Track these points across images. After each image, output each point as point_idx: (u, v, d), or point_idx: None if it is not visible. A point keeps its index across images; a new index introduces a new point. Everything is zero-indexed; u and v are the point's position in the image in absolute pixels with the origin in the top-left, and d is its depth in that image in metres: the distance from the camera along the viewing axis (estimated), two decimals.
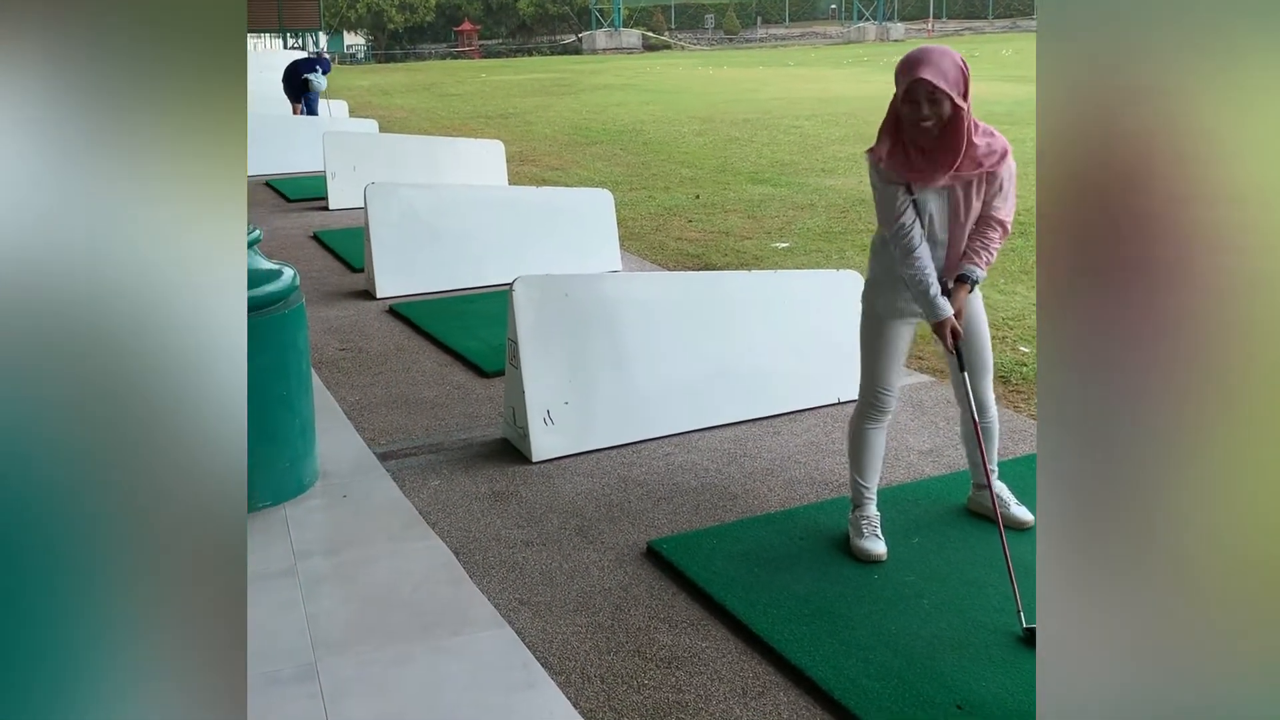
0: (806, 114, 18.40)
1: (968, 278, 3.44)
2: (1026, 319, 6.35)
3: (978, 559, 3.58)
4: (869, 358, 3.60)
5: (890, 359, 3.57)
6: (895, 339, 3.56)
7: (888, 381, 3.59)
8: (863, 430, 3.65)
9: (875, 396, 3.61)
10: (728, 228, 9.44)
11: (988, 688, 2.91)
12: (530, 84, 28.34)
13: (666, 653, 3.14)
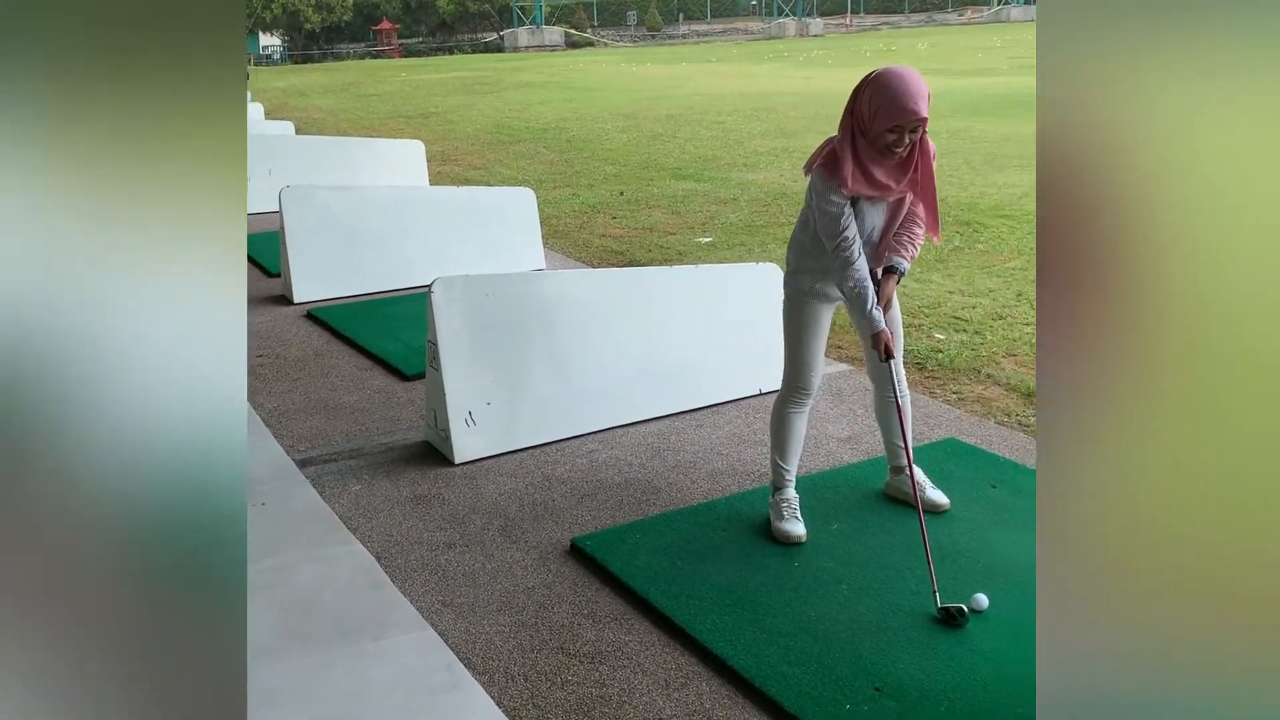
0: (729, 109, 18.52)
1: (895, 269, 3.52)
2: (942, 306, 6.48)
3: (895, 543, 3.65)
4: (793, 341, 3.66)
5: (814, 342, 3.64)
6: (818, 322, 3.63)
7: (812, 363, 3.66)
8: (786, 414, 3.72)
9: (799, 379, 3.67)
10: (652, 224, 9.47)
11: (905, 669, 2.97)
12: (451, 83, 28.11)
13: (590, 648, 3.15)
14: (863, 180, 3.31)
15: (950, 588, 3.33)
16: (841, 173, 3.28)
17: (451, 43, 52.40)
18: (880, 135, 3.22)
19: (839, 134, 3.33)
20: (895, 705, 2.82)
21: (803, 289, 3.59)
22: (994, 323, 6.15)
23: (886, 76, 3.22)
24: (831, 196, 3.32)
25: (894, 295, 3.58)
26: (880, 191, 3.34)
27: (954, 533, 3.71)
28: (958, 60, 27.91)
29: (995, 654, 3.02)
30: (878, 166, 3.30)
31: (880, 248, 3.51)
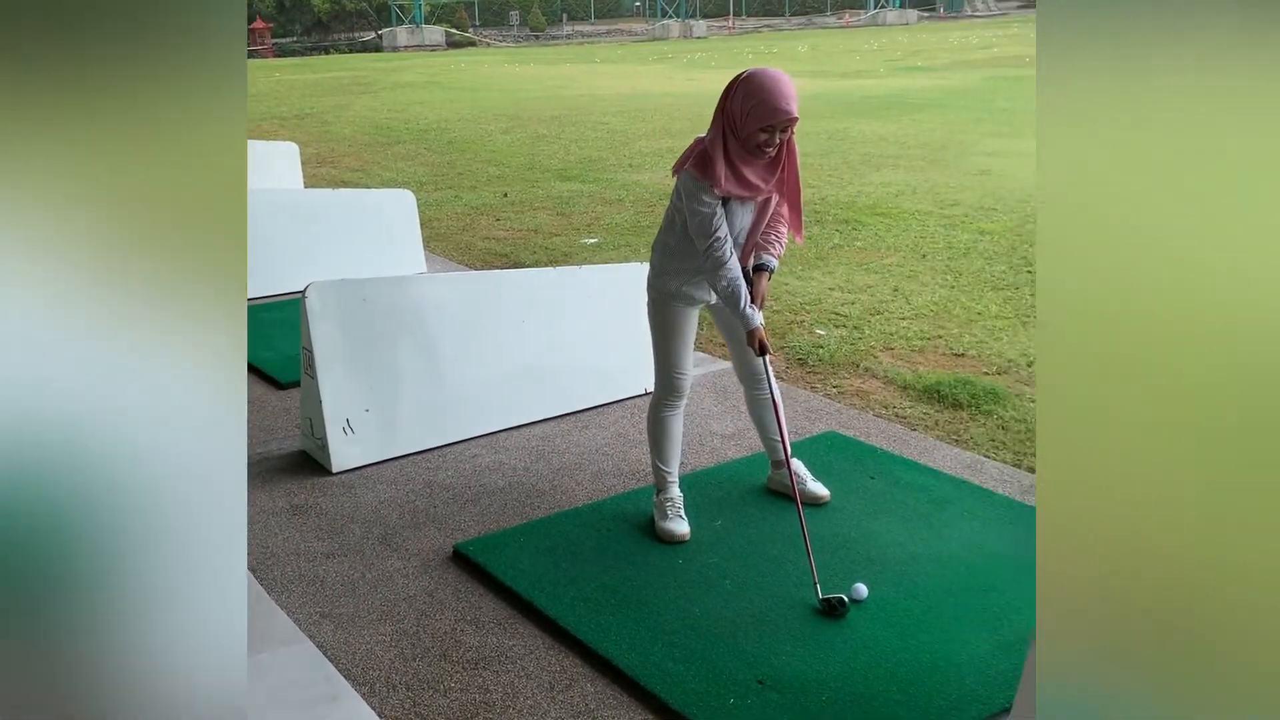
0: (614, 110, 18.56)
1: (766, 267, 3.56)
2: (822, 303, 6.60)
3: (778, 536, 3.70)
4: (662, 344, 3.68)
5: (683, 343, 3.67)
6: (685, 324, 3.65)
7: (682, 365, 3.68)
8: (661, 416, 3.74)
9: (672, 381, 3.69)
10: (536, 225, 9.43)
11: (787, 661, 3.01)
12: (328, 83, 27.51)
13: (473, 654, 3.11)
14: (734, 180, 3.34)
15: (832, 578, 3.38)
16: (714, 172, 3.30)
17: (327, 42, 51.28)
18: (752, 135, 3.26)
19: (710, 134, 3.36)
20: (778, 697, 2.85)
21: (668, 291, 3.60)
22: (872, 318, 6.29)
23: (758, 78, 3.27)
24: (703, 197, 3.34)
25: (766, 293, 3.62)
26: (750, 191, 3.38)
27: (835, 524, 3.78)
28: (836, 62, 28.52)
29: (875, 642, 3.08)
30: (748, 166, 3.34)
31: (747, 247, 3.55)
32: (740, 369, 3.85)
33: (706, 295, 3.61)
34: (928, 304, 6.53)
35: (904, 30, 47.18)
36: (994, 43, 34.35)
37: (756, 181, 3.37)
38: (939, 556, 3.54)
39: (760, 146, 3.28)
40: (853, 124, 15.47)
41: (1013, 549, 3.58)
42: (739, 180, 3.34)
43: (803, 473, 3.98)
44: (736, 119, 3.27)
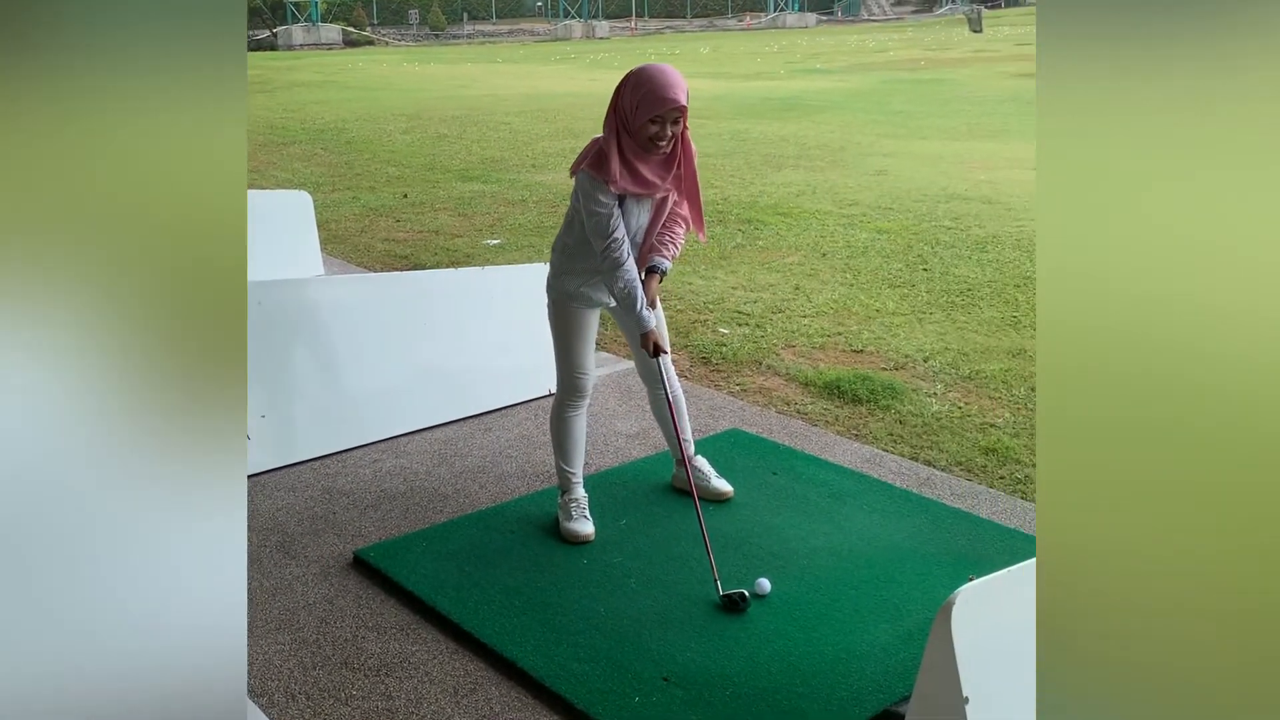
0: (516, 110, 18.45)
1: (658, 269, 3.57)
2: (725, 302, 6.66)
3: (682, 534, 3.72)
4: (562, 345, 3.67)
5: (583, 343, 3.67)
6: (585, 325, 3.65)
7: (583, 365, 3.68)
8: (564, 417, 3.73)
9: (573, 381, 3.69)
10: (437, 226, 9.32)
11: (691, 657, 3.03)
12: None
13: (375, 661, 3.06)
14: (629, 177, 3.34)
15: (735, 574, 3.42)
16: (609, 169, 3.31)
17: None
18: (643, 128, 3.28)
19: (604, 133, 3.37)
20: (682, 694, 2.87)
21: (567, 292, 3.59)
22: (774, 316, 6.37)
23: (645, 71, 3.31)
24: (600, 197, 3.34)
25: (657, 295, 3.64)
26: (646, 189, 3.39)
27: (738, 520, 3.81)
28: (737, 64, 28.82)
29: (777, 636, 3.12)
30: (643, 163, 3.35)
31: (644, 247, 3.56)
32: (642, 369, 3.87)
33: (605, 297, 3.62)
34: (828, 302, 6.64)
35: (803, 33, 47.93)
36: (889, 46, 35.12)
37: (653, 178, 3.38)
38: (839, 550, 3.60)
39: (652, 140, 3.30)
40: (754, 125, 15.65)
41: (911, 541, 3.66)
42: (635, 177, 3.35)
43: (706, 470, 4.01)
44: (628, 114, 3.29)
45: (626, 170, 3.33)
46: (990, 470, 4.27)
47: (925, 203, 9.65)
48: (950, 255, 7.73)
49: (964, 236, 8.30)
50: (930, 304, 6.55)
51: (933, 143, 13.54)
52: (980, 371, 5.33)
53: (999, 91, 19.63)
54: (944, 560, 3.52)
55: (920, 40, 38.00)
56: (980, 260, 7.57)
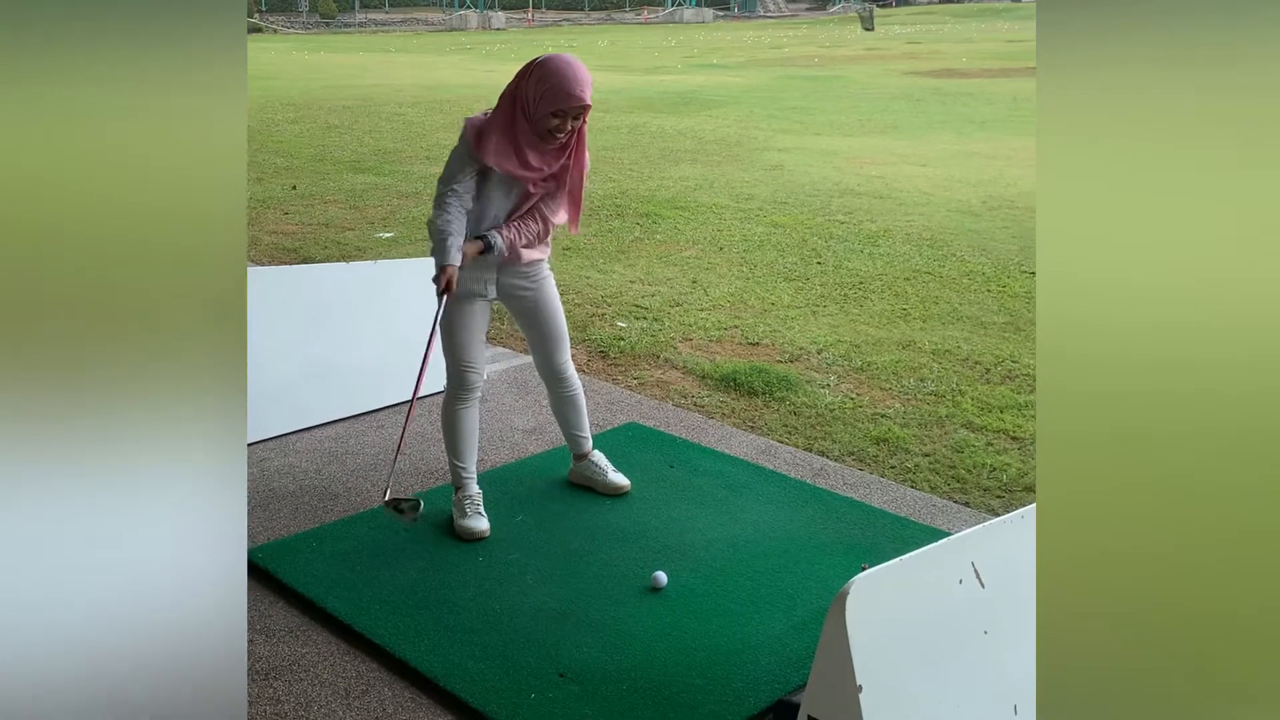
0: (409, 101, 18.16)
1: (486, 239, 3.47)
2: (623, 295, 6.66)
3: (579, 530, 3.70)
4: (450, 339, 3.63)
5: (472, 336, 3.63)
6: (473, 317, 3.61)
7: (472, 358, 3.64)
8: (454, 412, 3.68)
9: (462, 375, 3.65)
10: (328, 219, 9.11)
11: (588, 652, 3.01)
12: None
13: (264, 665, 2.97)
14: (511, 158, 3.33)
15: (632, 567, 3.41)
16: (485, 143, 3.32)
17: None
18: (544, 119, 3.25)
19: (497, 112, 3.34)
20: (578, 689, 2.85)
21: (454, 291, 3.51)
22: (672, 309, 6.39)
23: (554, 63, 3.27)
24: (467, 157, 3.36)
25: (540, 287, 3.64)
26: (527, 171, 3.37)
27: (635, 513, 3.81)
28: (636, 58, 28.87)
29: (674, 629, 3.13)
30: (533, 150, 3.33)
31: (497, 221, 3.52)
32: (543, 369, 3.83)
33: (484, 290, 3.59)
34: (725, 295, 6.69)
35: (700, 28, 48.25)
36: (785, 42, 35.59)
37: (539, 165, 3.37)
38: (735, 541, 3.63)
39: (551, 131, 3.28)
40: (652, 119, 15.69)
41: (805, 530, 3.70)
42: (519, 159, 3.33)
43: (603, 464, 4.00)
44: (530, 101, 3.27)
45: (510, 149, 3.32)
46: (881, 460, 4.35)
47: (819, 197, 9.80)
48: (843, 249, 7.86)
49: (856, 230, 8.45)
50: (824, 297, 6.65)
51: (827, 138, 13.77)
52: (871, 363, 5.43)
53: (890, 88, 20.06)
54: (837, 549, 3.58)
55: (814, 37, 38.60)
56: (872, 254, 7.71)
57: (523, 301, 3.69)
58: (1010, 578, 2.38)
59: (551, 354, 3.76)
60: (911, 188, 10.25)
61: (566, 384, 3.83)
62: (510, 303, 3.72)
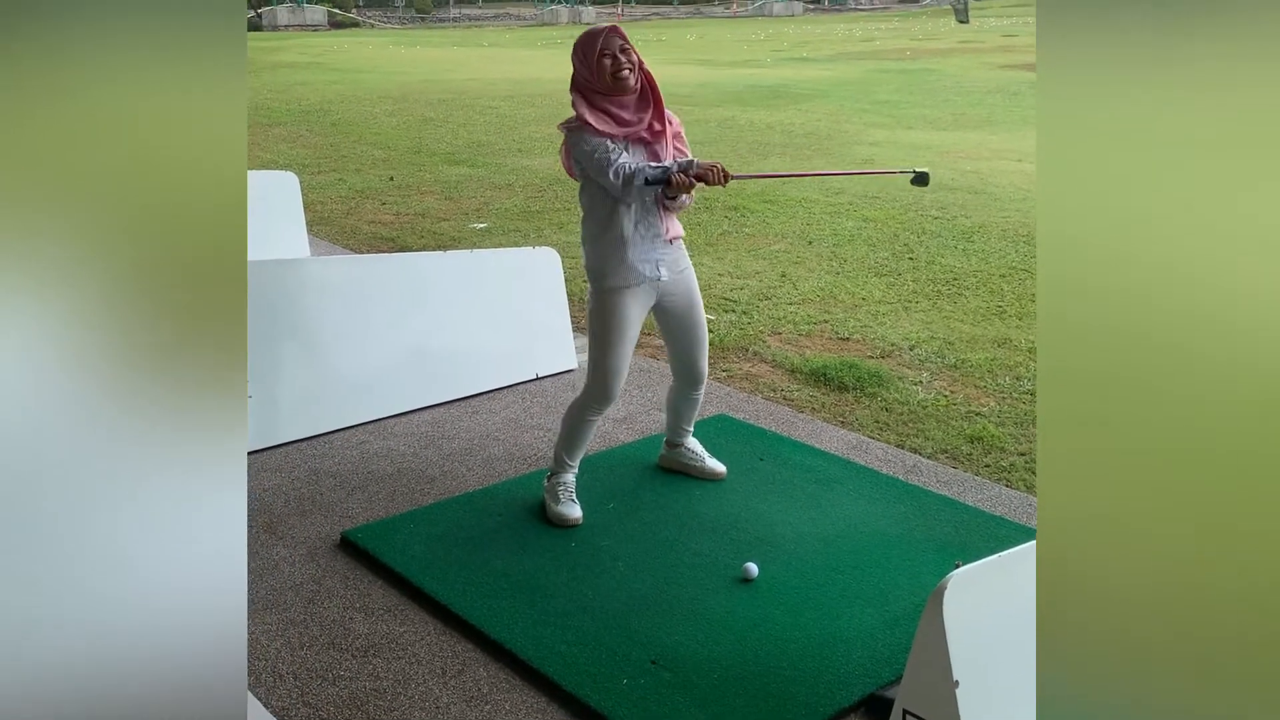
0: (502, 94, 18.37)
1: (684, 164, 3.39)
2: (712, 288, 6.65)
3: (670, 519, 3.73)
4: (602, 343, 3.55)
5: (625, 343, 3.55)
6: (628, 322, 3.53)
7: (619, 370, 3.58)
8: (585, 420, 3.69)
9: (604, 388, 3.60)
10: (424, 209, 9.28)
11: (679, 641, 3.04)
12: None
13: (363, 642, 3.06)
14: (609, 120, 3.38)
15: (723, 558, 3.43)
16: (579, 114, 3.38)
17: None
18: (600, 71, 3.34)
19: (575, 102, 3.44)
20: (670, 676, 2.88)
21: (606, 285, 3.50)
22: (760, 303, 6.37)
23: (581, 34, 3.44)
24: (588, 137, 3.36)
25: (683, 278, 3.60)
26: (627, 128, 3.40)
27: (725, 504, 3.82)
28: (724, 52, 28.76)
29: (765, 620, 3.14)
30: (619, 106, 3.40)
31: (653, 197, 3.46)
32: (682, 371, 3.81)
33: (655, 271, 3.49)
34: (814, 289, 6.65)
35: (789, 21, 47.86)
36: (875, 35, 35.11)
37: (631, 117, 3.42)
38: (826, 535, 3.62)
39: (614, 75, 3.34)
40: (740, 112, 15.63)
41: (896, 527, 3.68)
42: (615, 119, 3.39)
43: (699, 451, 4.04)
44: (583, 71, 3.39)
45: (605, 115, 3.38)
46: (975, 458, 4.29)
47: (911, 192, 9.66)
48: (936, 245, 7.75)
49: (950, 226, 8.32)
50: (916, 293, 6.57)
51: (919, 132, 13.57)
52: (966, 360, 5.35)
53: (985, 82, 19.67)
54: (929, 547, 3.54)
55: (907, 30, 38.01)
56: (966, 250, 7.59)
57: (675, 298, 3.62)
58: None
59: (695, 353, 3.74)
60: (1007, 183, 10.05)
61: (699, 387, 3.84)
62: (666, 299, 3.63)
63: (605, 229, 3.48)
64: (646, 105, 3.43)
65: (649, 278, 3.51)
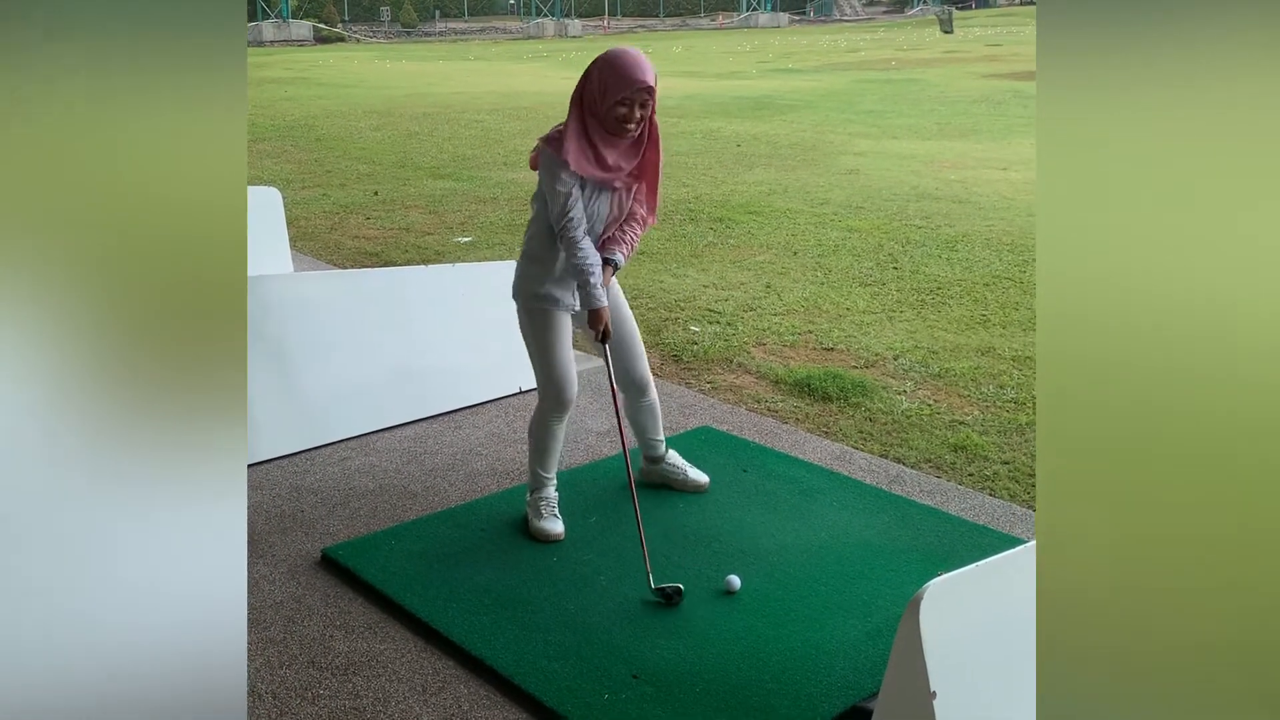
0: (488, 108, 18.39)
1: (611, 262, 3.52)
2: (696, 300, 6.66)
3: (651, 532, 3.69)
4: (540, 353, 3.60)
5: (561, 348, 3.60)
6: (559, 327, 3.59)
7: (565, 374, 3.61)
8: (549, 427, 3.69)
9: (559, 392, 3.62)
10: (408, 224, 9.27)
11: (661, 654, 3.02)
12: None
13: (343, 660, 3.04)
14: (593, 161, 3.32)
15: (705, 570, 3.42)
16: (565, 148, 3.27)
17: None
18: (611, 110, 3.26)
19: (569, 119, 3.35)
20: (652, 690, 2.86)
21: (534, 294, 3.54)
22: (745, 314, 6.38)
23: (613, 54, 3.31)
24: (561, 174, 3.31)
25: (619, 292, 3.65)
26: (608, 174, 3.36)
27: (708, 516, 3.81)
28: (710, 63, 28.85)
29: (747, 632, 3.12)
30: (610, 148, 3.33)
31: (603, 235, 3.52)
32: (624, 380, 3.81)
33: (572, 300, 3.56)
34: (799, 300, 6.65)
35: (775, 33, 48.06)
36: (861, 46, 35.28)
37: (617, 162, 3.36)
38: (809, 546, 3.61)
39: (620, 122, 3.27)
40: (726, 124, 15.68)
41: (880, 537, 3.67)
42: (597, 161, 3.33)
43: (680, 464, 4.02)
44: (595, 96, 3.28)
45: (592, 154, 3.31)
46: (959, 467, 4.29)
47: (896, 202, 9.70)
48: (920, 254, 7.77)
49: (934, 235, 8.35)
50: (900, 302, 6.58)
51: (904, 142, 13.61)
52: (949, 370, 5.36)
53: (970, 92, 19.76)
54: (913, 557, 3.54)
55: (892, 40, 38.20)
56: (950, 259, 7.61)
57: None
58: None
59: (633, 363, 3.77)
60: (991, 192, 10.09)
61: (648, 392, 3.84)
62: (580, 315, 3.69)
63: (542, 257, 3.51)
64: (636, 153, 3.40)
65: (567, 306, 3.57)
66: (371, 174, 11.91)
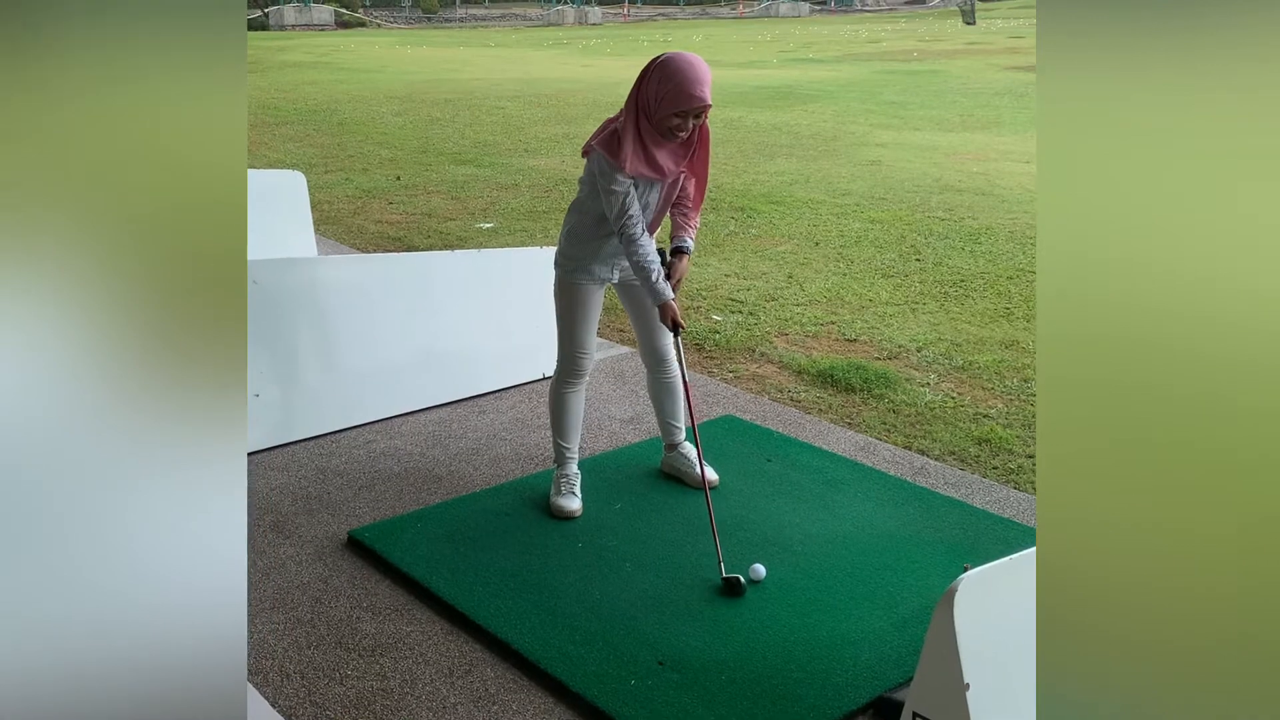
0: (509, 95, 18.38)
1: (684, 249, 3.61)
2: (718, 289, 6.66)
3: (676, 519, 3.72)
4: (567, 324, 3.69)
5: (587, 322, 3.69)
6: (591, 303, 3.67)
7: (585, 345, 3.71)
8: (563, 395, 3.76)
9: (574, 360, 3.71)
10: (430, 209, 9.28)
11: (687, 641, 3.03)
12: None
13: (370, 641, 3.06)
14: (644, 162, 3.35)
15: (730, 559, 3.42)
16: (621, 153, 3.31)
17: None
18: (665, 119, 3.28)
19: (623, 115, 3.36)
20: (677, 677, 2.87)
21: (571, 270, 3.62)
22: (767, 304, 6.36)
23: (675, 62, 3.28)
24: (617, 176, 3.34)
25: (685, 273, 3.67)
26: (658, 174, 3.41)
27: (732, 506, 3.81)
28: (730, 53, 28.74)
29: (773, 621, 3.13)
30: (659, 149, 3.37)
31: (654, 223, 3.58)
32: (646, 352, 3.87)
33: (610, 274, 3.65)
34: (821, 291, 6.64)
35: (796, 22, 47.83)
36: (882, 37, 35.08)
37: (666, 164, 3.41)
38: (834, 536, 3.61)
39: (672, 130, 3.31)
40: (747, 113, 15.63)
41: (904, 529, 3.67)
42: (648, 162, 3.36)
43: (692, 456, 4.01)
44: (651, 102, 3.29)
45: (642, 155, 3.35)
46: (983, 460, 4.28)
47: (918, 193, 9.66)
48: (943, 246, 7.74)
49: (957, 227, 8.31)
50: (923, 294, 6.56)
51: (926, 133, 13.55)
52: (973, 362, 5.34)
53: (992, 83, 19.64)
54: (938, 548, 3.53)
55: (913, 31, 37.98)
56: (974, 251, 7.58)
57: (635, 288, 3.73)
58: None
59: (651, 334, 3.81)
60: (1015, 184, 10.03)
61: (667, 367, 3.86)
62: (624, 290, 3.78)
63: (586, 235, 3.57)
64: (686, 152, 3.45)
65: (603, 279, 3.66)
66: (394, 159, 11.92)
